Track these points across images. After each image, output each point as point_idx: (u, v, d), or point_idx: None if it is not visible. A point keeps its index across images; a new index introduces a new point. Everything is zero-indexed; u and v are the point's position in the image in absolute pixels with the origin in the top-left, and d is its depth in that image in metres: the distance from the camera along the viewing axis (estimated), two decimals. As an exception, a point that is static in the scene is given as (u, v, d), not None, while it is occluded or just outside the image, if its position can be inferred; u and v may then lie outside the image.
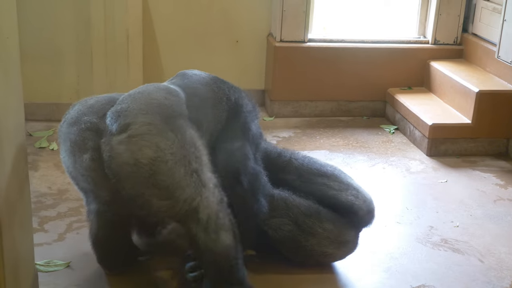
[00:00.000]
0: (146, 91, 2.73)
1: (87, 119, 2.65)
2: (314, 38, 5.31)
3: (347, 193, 3.15)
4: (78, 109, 2.75)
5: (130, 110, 2.58)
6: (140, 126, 2.52)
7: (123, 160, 2.49)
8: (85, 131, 2.62)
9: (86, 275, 3.08)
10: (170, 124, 2.58)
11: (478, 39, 5.26)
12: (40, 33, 4.82)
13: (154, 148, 2.49)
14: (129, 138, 2.50)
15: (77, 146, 2.63)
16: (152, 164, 2.48)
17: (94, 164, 2.59)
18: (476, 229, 3.71)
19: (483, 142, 4.75)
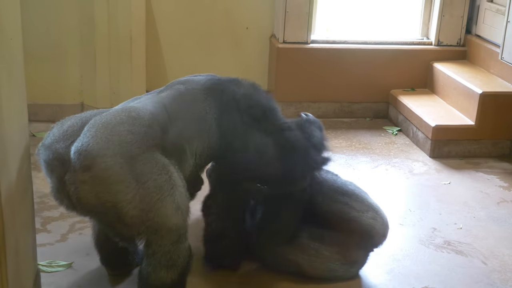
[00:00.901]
0: (110, 123, 2.59)
1: (57, 147, 2.58)
2: (317, 39, 5.31)
3: (368, 215, 3.13)
4: (53, 133, 2.67)
5: (90, 149, 2.49)
6: (100, 170, 2.48)
7: (91, 202, 2.53)
8: (53, 160, 2.57)
9: (88, 276, 3.08)
10: (132, 168, 2.51)
11: (482, 41, 5.25)
12: (43, 34, 4.82)
13: (114, 195, 2.50)
14: (91, 179, 2.49)
15: (48, 173, 2.62)
16: (115, 209, 2.51)
17: (60, 194, 2.60)
18: (480, 231, 3.71)
19: (487, 143, 4.74)
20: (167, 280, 2.67)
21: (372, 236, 3.13)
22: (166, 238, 2.61)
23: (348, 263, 3.12)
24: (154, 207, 2.54)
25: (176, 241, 2.63)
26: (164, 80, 5.16)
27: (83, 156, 2.48)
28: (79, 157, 2.49)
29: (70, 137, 2.59)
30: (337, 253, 3.10)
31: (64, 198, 2.59)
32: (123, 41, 4.70)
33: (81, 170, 2.48)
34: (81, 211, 2.63)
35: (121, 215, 2.52)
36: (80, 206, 2.57)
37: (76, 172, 2.50)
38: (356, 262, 3.15)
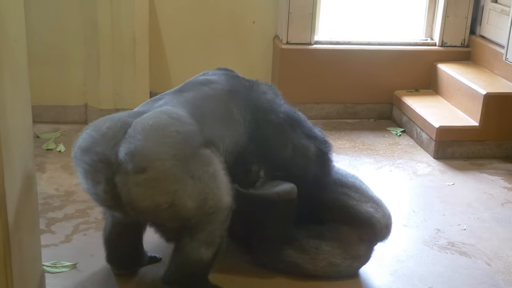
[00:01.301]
0: (160, 125, 2.64)
1: (99, 150, 2.60)
2: (321, 40, 5.31)
3: (367, 205, 3.14)
4: (91, 135, 2.70)
5: (146, 152, 2.54)
6: (157, 171, 2.53)
7: (144, 204, 2.58)
8: (97, 162, 2.59)
9: (93, 277, 3.09)
10: (187, 167, 2.59)
11: (486, 41, 5.25)
12: (47, 36, 4.83)
13: (171, 195, 2.56)
14: (146, 181, 2.53)
15: (90, 176, 2.63)
16: (173, 208, 2.58)
17: (107, 195, 2.61)
18: (484, 232, 3.70)
19: (491, 144, 4.74)
20: (204, 257, 2.75)
21: (373, 225, 3.12)
22: (218, 217, 2.69)
23: (350, 257, 3.11)
24: (211, 195, 2.64)
25: (223, 220, 2.73)
26: (167, 82, 5.18)
27: (138, 158, 2.52)
28: (133, 159, 2.52)
29: (112, 139, 2.62)
30: (338, 247, 3.09)
31: (110, 199, 2.61)
32: (126, 43, 4.70)
33: (134, 172, 2.52)
34: (130, 212, 2.64)
35: (178, 212, 2.60)
36: (132, 207, 2.60)
37: (128, 174, 2.53)
38: (359, 256, 3.14)
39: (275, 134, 3.10)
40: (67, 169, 4.16)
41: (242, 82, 3.21)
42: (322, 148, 3.21)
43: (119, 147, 2.57)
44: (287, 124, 3.15)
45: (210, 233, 2.72)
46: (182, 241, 2.76)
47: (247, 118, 3.05)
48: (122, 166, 2.53)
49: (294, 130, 3.16)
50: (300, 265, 3.10)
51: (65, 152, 4.43)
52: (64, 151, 4.45)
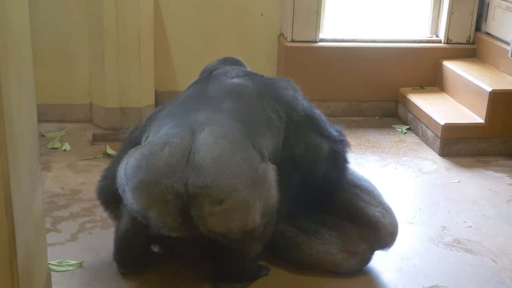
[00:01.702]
0: (225, 154, 2.69)
1: (168, 183, 2.62)
2: (326, 38, 5.30)
3: (376, 209, 3.14)
4: (152, 164, 2.68)
5: (221, 185, 2.60)
6: (234, 202, 2.61)
7: (218, 231, 2.68)
8: (168, 195, 2.62)
9: (98, 275, 3.09)
10: (256, 191, 2.67)
11: (491, 38, 5.24)
12: (52, 35, 4.84)
13: (245, 220, 2.67)
14: (223, 211, 2.62)
15: (158, 207, 2.65)
16: (242, 230, 2.70)
17: (178, 225, 2.66)
18: (489, 229, 3.70)
19: (496, 142, 4.73)
20: (259, 250, 2.91)
21: (377, 229, 3.11)
22: (272, 212, 2.80)
23: (346, 251, 3.09)
24: (271, 204, 2.76)
25: (272, 218, 2.84)
26: (173, 80, 5.19)
27: (215, 191, 2.59)
28: (210, 192, 2.59)
29: (177, 169, 2.65)
30: (336, 237, 3.09)
31: (182, 227, 2.68)
32: (131, 41, 4.71)
33: (211, 204, 2.60)
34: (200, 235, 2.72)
35: (247, 231, 2.72)
36: (204, 234, 2.69)
37: (204, 206, 2.60)
38: (355, 253, 3.11)
39: (292, 131, 3.13)
40: (73, 168, 4.17)
41: (265, 81, 3.27)
42: (336, 148, 3.23)
43: (188, 179, 2.62)
44: (305, 122, 3.19)
45: (267, 228, 2.84)
46: (239, 244, 2.83)
47: (283, 117, 3.13)
48: (197, 199, 2.60)
49: (310, 128, 3.20)
50: (297, 244, 3.10)
51: (70, 151, 4.45)
52: (69, 150, 4.46)
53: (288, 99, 3.23)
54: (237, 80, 3.20)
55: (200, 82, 3.32)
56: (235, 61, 3.53)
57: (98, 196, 3.24)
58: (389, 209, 3.20)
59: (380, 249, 3.20)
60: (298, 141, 3.14)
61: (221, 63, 3.52)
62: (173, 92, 5.16)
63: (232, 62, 3.51)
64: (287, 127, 3.12)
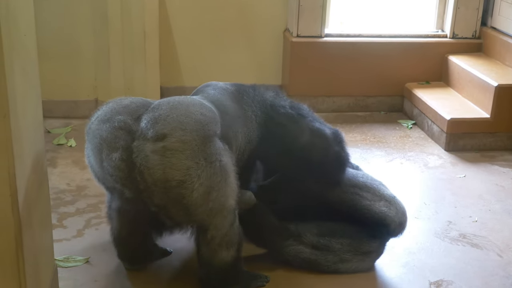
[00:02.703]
0: (184, 102, 2.72)
1: (121, 118, 2.65)
2: (331, 33, 5.30)
3: (380, 203, 3.13)
4: (111, 107, 2.75)
5: (169, 119, 2.58)
6: (177, 141, 2.54)
7: (155, 176, 2.55)
8: (118, 129, 2.62)
9: (105, 271, 3.10)
10: (204, 147, 2.59)
11: (497, 33, 5.22)
12: (57, 31, 4.84)
13: (184, 171, 2.54)
14: (164, 149, 2.53)
15: (107, 143, 2.64)
16: (181, 188, 2.55)
17: (123, 164, 2.60)
18: (495, 224, 3.70)
19: (502, 136, 4.72)
20: (228, 259, 2.80)
21: (387, 225, 3.12)
22: (226, 219, 2.70)
23: (361, 253, 3.11)
24: (218, 186, 2.62)
25: (232, 221, 2.75)
26: (178, 76, 5.19)
27: (161, 124, 2.56)
28: (155, 125, 2.56)
29: (134, 112, 2.68)
30: (348, 244, 3.10)
31: (124, 168, 2.60)
32: (136, 37, 4.71)
33: (154, 138, 2.54)
34: (140, 185, 2.60)
35: (185, 195, 2.56)
36: (143, 178, 2.56)
37: (147, 140, 2.55)
38: (370, 252, 3.14)
39: (289, 121, 3.12)
40: (79, 164, 4.18)
41: (245, 84, 3.25)
42: (333, 130, 3.25)
43: (142, 117, 2.63)
44: (295, 113, 3.17)
45: (225, 236, 2.74)
46: (201, 251, 2.80)
47: (258, 113, 3.09)
48: (143, 132, 2.57)
49: (303, 117, 3.18)
50: (312, 262, 3.11)
51: (76, 147, 4.45)
52: (75, 146, 4.47)
53: (271, 96, 3.21)
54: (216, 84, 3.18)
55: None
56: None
57: None
58: (392, 198, 3.18)
59: (393, 238, 3.21)
60: (301, 129, 3.12)
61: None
62: (179, 88, 5.17)
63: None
64: (272, 121, 3.10)
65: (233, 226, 2.76)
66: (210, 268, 2.82)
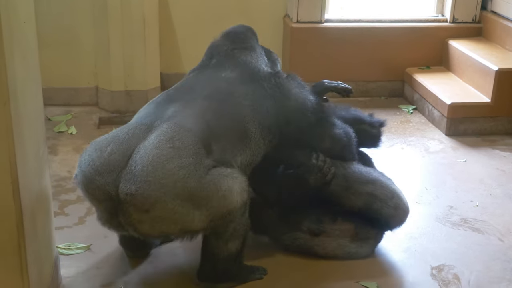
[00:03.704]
0: (159, 162, 2.54)
1: (101, 182, 2.56)
2: (331, 19, 5.28)
3: (391, 203, 3.09)
4: (93, 160, 2.63)
5: (146, 195, 2.50)
6: (161, 212, 2.53)
7: (153, 234, 2.66)
8: (99, 193, 2.59)
9: (106, 258, 3.11)
10: (192, 202, 2.56)
11: (497, 17, 5.21)
12: (57, 18, 4.83)
13: (180, 224, 2.60)
14: (151, 219, 2.55)
15: (93, 201, 2.67)
16: (183, 230, 2.65)
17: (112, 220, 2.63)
18: (496, 208, 3.70)
19: (503, 120, 4.72)
20: (233, 250, 2.81)
21: (389, 225, 3.16)
22: (234, 216, 2.70)
23: (359, 239, 3.12)
24: (220, 206, 2.62)
25: (242, 214, 2.74)
26: (178, 63, 5.18)
27: (140, 201, 2.51)
28: (135, 201, 2.51)
29: (113, 170, 2.58)
30: (347, 230, 3.11)
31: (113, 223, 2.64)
32: (136, 24, 4.70)
33: (137, 213, 2.54)
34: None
35: (190, 230, 2.66)
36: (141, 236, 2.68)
37: (131, 214, 2.54)
38: (368, 238, 3.15)
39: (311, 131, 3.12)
40: (79, 151, 4.17)
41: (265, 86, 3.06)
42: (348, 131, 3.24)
43: (120, 182, 2.54)
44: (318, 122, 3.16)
45: (234, 229, 2.75)
46: (208, 244, 2.79)
47: (270, 134, 2.99)
48: (125, 205, 2.53)
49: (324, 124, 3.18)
50: (310, 248, 3.12)
51: (76, 134, 4.45)
52: (75, 133, 4.47)
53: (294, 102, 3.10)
54: (231, 86, 3.02)
55: (198, 69, 3.22)
56: (241, 36, 3.35)
57: None
58: (400, 193, 3.16)
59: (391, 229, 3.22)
60: (322, 138, 3.13)
61: (226, 40, 3.31)
62: (179, 75, 5.14)
63: (239, 37, 3.32)
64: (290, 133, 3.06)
65: (242, 219, 2.75)
66: (215, 259, 2.81)
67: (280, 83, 3.12)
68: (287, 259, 3.13)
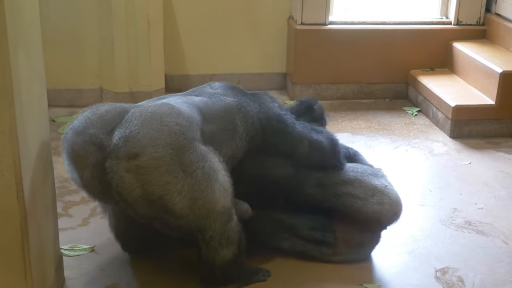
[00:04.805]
0: (158, 113, 2.60)
1: (93, 132, 2.56)
2: (336, 21, 5.28)
3: (373, 200, 3.05)
4: (87, 117, 2.65)
5: (140, 137, 2.50)
6: (149, 159, 2.48)
7: (134, 194, 2.51)
8: (89, 144, 2.55)
9: (110, 259, 3.11)
10: (181, 159, 2.53)
11: (502, 19, 5.20)
12: (61, 19, 4.83)
13: (163, 187, 2.51)
14: (137, 168, 2.48)
15: (79, 158, 2.59)
16: (163, 200, 2.52)
17: (94, 180, 2.58)
18: (500, 210, 3.69)
19: (507, 123, 4.71)
20: (230, 257, 2.77)
21: (380, 221, 3.10)
22: (218, 220, 2.66)
23: (355, 245, 3.11)
24: (203, 194, 2.58)
25: (227, 220, 2.70)
26: (182, 64, 5.18)
27: (132, 143, 2.48)
28: (126, 143, 2.49)
29: (108, 124, 2.59)
30: (341, 238, 3.08)
31: (97, 185, 2.58)
32: (140, 25, 4.70)
33: (126, 157, 2.48)
34: (120, 202, 2.59)
35: (169, 206, 2.53)
36: (121, 197, 2.55)
37: (120, 159, 2.49)
38: (362, 243, 3.13)
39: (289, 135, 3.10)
40: (84, 153, 4.18)
41: (249, 96, 3.14)
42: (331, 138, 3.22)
43: (114, 132, 2.54)
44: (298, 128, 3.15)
45: (223, 235, 2.71)
46: (200, 252, 2.76)
47: (252, 130, 3.00)
48: (115, 150, 2.50)
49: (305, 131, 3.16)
50: (307, 255, 3.11)
51: (81, 136, 4.45)
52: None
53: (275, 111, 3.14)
54: (218, 90, 3.09)
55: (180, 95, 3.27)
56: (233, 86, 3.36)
57: None
58: (384, 188, 3.11)
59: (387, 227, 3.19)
60: (300, 141, 3.10)
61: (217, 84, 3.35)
62: (183, 76, 5.17)
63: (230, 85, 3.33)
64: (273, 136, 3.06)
65: (229, 224, 2.71)
66: (212, 267, 2.78)
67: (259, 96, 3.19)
68: (290, 262, 3.12)
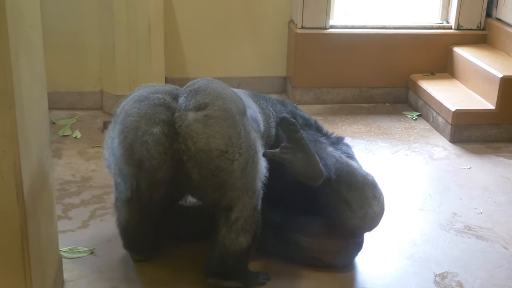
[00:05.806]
0: (217, 81, 2.80)
1: (159, 96, 2.71)
2: (336, 25, 5.28)
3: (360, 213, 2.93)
4: (146, 90, 2.81)
5: (209, 90, 2.67)
6: (219, 109, 2.61)
7: (199, 144, 2.58)
8: (157, 106, 2.67)
9: (110, 262, 3.10)
10: (241, 119, 2.67)
11: (502, 24, 5.21)
12: (62, 22, 4.84)
13: (226, 140, 2.59)
14: (206, 118, 2.59)
15: (146, 119, 2.64)
16: (221, 159, 2.59)
17: (163, 137, 2.62)
18: (500, 215, 3.69)
19: (507, 128, 4.71)
20: (244, 245, 2.80)
21: (355, 234, 3.05)
22: (251, 201, 2.73)
23: (329, 252, 3.06)
24: (253, 160, 2.68)
25: (255, 205, 2.77)
26: (183, 67, 5.19)
27: (202, 95, 2.63)
28: (196, 96, 2.63)
29: (170, 92, 2.76)
30: (316, 244, 3.04)
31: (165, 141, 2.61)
32: (141, 28, 4.70)
33: (196, 108, 2.60)
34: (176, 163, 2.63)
35: (225, 166, 2.59)
36: (186, 149, 2.59)
37: (189, 110, 2.61)
38: (339, 251, 3.07)
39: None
40: (84, 155, 4.18)
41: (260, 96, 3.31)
42: None
43: (180, 95, 2.70)
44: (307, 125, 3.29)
45: (246, 221, 2.76)
46: (220, 234, 2.79)
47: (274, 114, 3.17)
48: (183, 104, 2.62)
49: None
50: (289, 257, 3.09)
51: (81, 138, 4.46)
52: (80, 137, 4.47)
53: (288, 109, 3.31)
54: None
55: None
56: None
57: None
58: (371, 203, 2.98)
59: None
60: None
61: None
62: (184, 79, 5.14)
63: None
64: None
65: (256, 211, 2.78)
66: (226, 253, 2.79)
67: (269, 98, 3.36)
68: (289, 267, 3.10)
